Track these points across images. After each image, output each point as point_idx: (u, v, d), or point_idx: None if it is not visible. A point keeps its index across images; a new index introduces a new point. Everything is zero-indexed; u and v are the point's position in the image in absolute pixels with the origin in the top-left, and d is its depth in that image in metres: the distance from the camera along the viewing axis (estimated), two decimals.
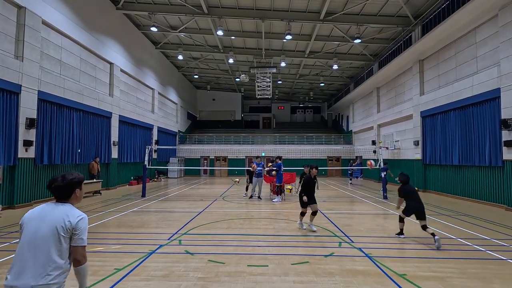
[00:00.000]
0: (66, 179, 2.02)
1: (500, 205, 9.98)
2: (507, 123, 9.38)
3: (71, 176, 2.06)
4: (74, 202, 2.09)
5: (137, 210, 9.19)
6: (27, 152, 9.75)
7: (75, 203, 2.09)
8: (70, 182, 2.03)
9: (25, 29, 9.69)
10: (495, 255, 5.03)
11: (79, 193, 2.10)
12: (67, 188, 2.02)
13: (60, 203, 2.02)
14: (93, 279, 3.94)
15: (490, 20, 10.56)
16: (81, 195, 2.14)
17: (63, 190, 2.01)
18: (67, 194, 2.03)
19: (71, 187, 2.03)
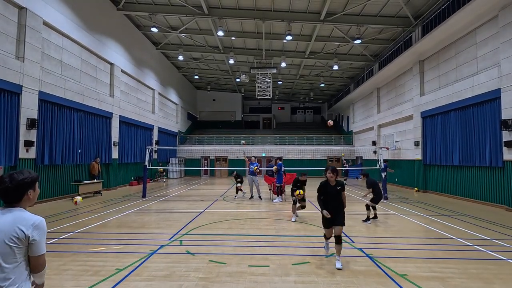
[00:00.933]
0: (14, 179, 1.69)
1: (500, 206, 9.98)
2: (508, 124, 9.39)
3: (22, 176, 1.72)
4: (26, 205, 1.77)
5: (138, 211, 9.20)
6: (28, 152, 9.76)
7: (27, 206, 1.77)
8: (20, 183, 1.70)
9: (26, 29, 9.72)
10: (496, 256, 5.03)
11: (32, 194, 1.78)
12: (17, 191, 1.69)
13: (8, 208, 1.70)
14: (94, 279, 3.95)
15: (490, 21, 10.57)
16: (35, 197, 1.81)
17: (12, 193, 1.68)
18: (17, 197, 1.70)
19: (21, 189, 1.70)
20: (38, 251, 1.68)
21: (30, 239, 1.64)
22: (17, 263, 1.63)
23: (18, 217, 1.66)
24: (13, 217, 1.66)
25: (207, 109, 35.40)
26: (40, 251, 1.69)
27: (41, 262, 1.71)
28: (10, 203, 1.71)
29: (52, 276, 4.03)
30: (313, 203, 10.87)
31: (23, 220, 1.66)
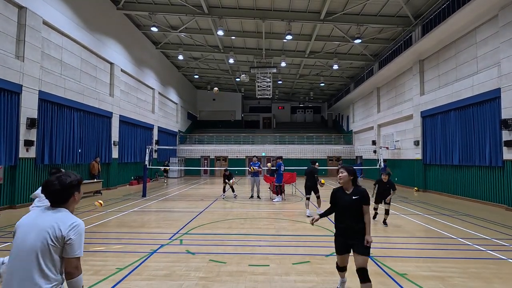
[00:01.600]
0: (63, 182, 1.77)
1: (500, 205, 9.99)
2: (507, 123, 9.40)
3: (69, 179, 1.80)
4: (72, 206, 1.86)
5: (138, 210, 9.21)
6: (28, 152, 9.76)
7: (72, 208, 1.87)
8: (69, 185, 1.79)
9: (26, 29, 9.71)
10: (496, 255, 5.04)
11: (78, 196, 1.87)
12: (65, 192, 1.78)
13: (54, 208, 1.78)
14: (95, 278, 3.95)
15: (490, 20, 10.57)
16: (79, 198, 1.90)
17: (61, 194, 1.77)
18: (65, 198, 1.80)
19: (69, 190, 1.79)
20: (72, 253, 1.70)
21: (66, 239, 1.69)
22: (53, 263, 1.68)
23: (60, 217, 1.74)
24: (55, 216, 1.73)
25: (207, 109, 35.39)
26: (74, 253, 1.71)
27: (74, 265, 1.71)
28: (57, 204, 1.79)
29: None
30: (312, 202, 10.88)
31: (63, 220, 1.73)
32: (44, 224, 1.69)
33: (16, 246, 1.68)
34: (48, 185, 1.77)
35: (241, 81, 27.09)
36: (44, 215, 1.74)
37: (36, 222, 1.71)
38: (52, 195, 1.77)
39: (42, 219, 1.72)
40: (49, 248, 1.66)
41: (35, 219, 1.74)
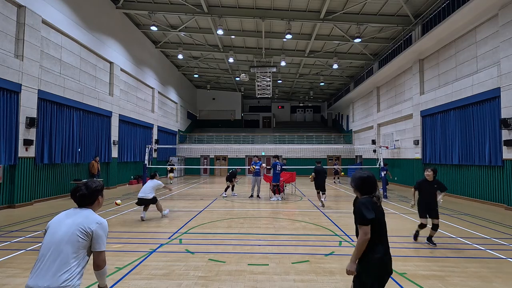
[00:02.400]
0: (89, 187, 2.13)
1: (500, 204, 9.99)
2: (507, 123, 9.39)
3: (94, 185, 2.16)
4: (96, 208, 2.18)
5: (137, 209, 9.19)
6: (27, 151, 9.75)
7: (96, 209, 2.18)
8: (94, 190, 2.14)
9: (25, 28, 9.69)
10: (495, 254, 5.04)
11: (101, 199, 2.22)
12: (91, 196, 2.13)
13: (81, 208, 2.11)
14: (94, 277, 3.93)
15: (490, 20, 10.56)
16: (102, 201, 2.24)
17: (87, 198, 2.11)
18: (91, 201, 2.13)
19: (94, 194, 2.14)
20: (99, 247, 2.02)
21: (93, 234, 1.99)
22: (79, 255, 1.95)
23: (88, 216, 2.05)
24: (85, 215, 2.05)
25: (207, 108, 35.38)
26: (101, 247, 2.02)
27: (102, 258, 2.04)
28: (84, 206, 2.12)
29: None
30: (312, 202, 10.88)
31: (92, 219, 2.04)
32: (74, 221, 1.99)
33: (47, 240, 1.94)
34: (76, 190, 2.11)
35: (241, 81, 27.07)
36: (74, 214, 2.05)
37: (66, 220, 2.01)
38: (80, 199, 2.10)
39: (72, 217, 2.02)
40: (77, 242, 1.94)
41: (66, 216, 2.04)
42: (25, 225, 7.01)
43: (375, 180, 2.37)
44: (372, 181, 2.36)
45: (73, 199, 2.11)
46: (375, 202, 2.29)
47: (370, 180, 2.36)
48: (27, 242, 5.55)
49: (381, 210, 2.32)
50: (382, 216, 2.30)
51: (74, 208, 2.11)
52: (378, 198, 2.33)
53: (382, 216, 2.31)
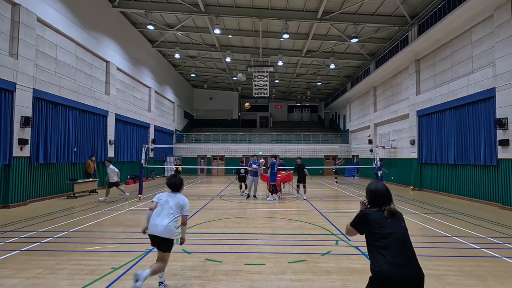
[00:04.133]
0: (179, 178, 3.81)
1: (494, 204, 10.08)
2: (502, 123, 9.47)
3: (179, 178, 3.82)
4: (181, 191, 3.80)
5: (134, 209, 9.15)
6: (22, 151, 9.65)
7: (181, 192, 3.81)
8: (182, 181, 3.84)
9: (20, 26, 9.59)
10: (490, 253, 5.08)
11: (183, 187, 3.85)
12: (179, 185, 3.79)
13: (174, 192, 3.73)
14: (89, 278, 3.92)
15: (486, 20, 10.64)
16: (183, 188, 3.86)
17: (178, 185, 3.77)
18: (179, 188, 3.78)
19: (181, 183, 3.83)
20: (185, 212, 3.69)
21: (183, 204, 3.67)
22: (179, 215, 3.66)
23: (181, 196, 3.74)
24: (179, 196, 3.73)
25: (204, 108, 35.29)
26: (186, 212, 3.70)
27: (185, 219, 3.75)
28: (176, 191, 3.76)
29: (47, 275, 3.99)
30: (309, 202, 10.90)
31: (182, 198, 3.72)
32: (176, 198, 3.68)
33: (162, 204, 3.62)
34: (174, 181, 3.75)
35: (238, 80, 27.06)
36: (174, 195, 3.70)
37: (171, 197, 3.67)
38: (175, 186, 3.74)
39: (174, 196, 3.69)
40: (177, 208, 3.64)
41: (168, 196, 3.68)
42: (20, 225, 6.94)
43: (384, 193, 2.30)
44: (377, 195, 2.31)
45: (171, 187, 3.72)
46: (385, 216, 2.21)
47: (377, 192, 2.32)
48: (22, 243, 5.49)
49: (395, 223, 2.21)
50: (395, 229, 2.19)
51: (169, 192, 3.72)
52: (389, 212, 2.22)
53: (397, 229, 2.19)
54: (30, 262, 4.50)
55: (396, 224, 2.22)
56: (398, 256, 2.09)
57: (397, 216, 2.26)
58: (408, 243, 2.19)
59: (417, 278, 2.07)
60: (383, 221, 2.21)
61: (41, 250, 5.10)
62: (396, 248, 2.12)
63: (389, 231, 2.17)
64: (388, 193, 2.32)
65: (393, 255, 2.10)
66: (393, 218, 2.23)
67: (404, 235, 2.20)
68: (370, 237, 2.23)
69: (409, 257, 2.13)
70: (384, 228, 2.18)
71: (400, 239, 2.17)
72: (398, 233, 2.18)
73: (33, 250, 5.10)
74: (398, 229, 2.20)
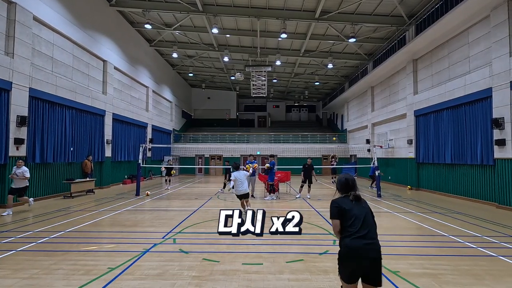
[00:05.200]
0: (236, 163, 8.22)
1: (491, 203, 10.14)
2: (498, 122, 9.52)
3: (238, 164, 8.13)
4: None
5: (131, 209, 9.12)
6: (18, 150, 9.58)
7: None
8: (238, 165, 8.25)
9: (16, 25, 9.50)
10: (487, 252, 5.10)
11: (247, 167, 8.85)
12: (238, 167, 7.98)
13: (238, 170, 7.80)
14: (86, 278, 3.89)
15: (483, 21, 10.68)
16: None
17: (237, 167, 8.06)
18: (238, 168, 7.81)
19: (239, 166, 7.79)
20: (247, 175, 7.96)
21: (247, 174, 8.04)
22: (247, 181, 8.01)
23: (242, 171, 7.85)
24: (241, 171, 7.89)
25: (202, 107, 35.22)
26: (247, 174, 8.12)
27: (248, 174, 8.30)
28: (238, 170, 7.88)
29: (42, 276, 3.96)
30: (307, 201, 10.90)
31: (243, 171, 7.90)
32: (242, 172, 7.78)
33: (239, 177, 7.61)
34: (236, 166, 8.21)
35: (236, 80, 26.99)
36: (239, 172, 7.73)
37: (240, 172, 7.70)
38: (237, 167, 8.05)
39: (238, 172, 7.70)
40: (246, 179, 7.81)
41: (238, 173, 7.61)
42: (16, 225, 6.89)
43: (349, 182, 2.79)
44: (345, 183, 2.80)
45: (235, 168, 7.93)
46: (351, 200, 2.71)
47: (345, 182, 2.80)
48: (18, 243, 5.45)
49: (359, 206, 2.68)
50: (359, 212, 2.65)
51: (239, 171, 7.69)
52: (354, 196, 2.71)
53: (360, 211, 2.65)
54: (26, 262, 4.47)
55: (359, 206, 2.70)
56: (360, 230, 2.57)
57: (362, 200, 2.76)
58: (368, 220, 2.65)
59: (373, 245, 2.58)
60: (349, 204, 2.69)
61: (37, 250, 5.07)
62: (358, 224, 2.60)
63: (354, 212, 2.64)
64: (354, 182, 2.80)
65: (355, 229, 2.58)
66: (357, 201, 2.72)
67: (365, 214, 2.66)
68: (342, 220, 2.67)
69: (367, 230, 2.59)
70: (350, 210, 2.65)
71: (361, 218, 2.63)
72: (360, 214, 2.64)
73: (29, 250, 5.06)
74: (361, 210, 2.67)
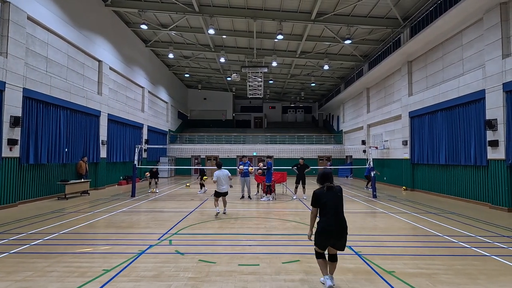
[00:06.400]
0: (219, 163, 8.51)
1: (484, 203, 10.26)
2: (491, 124, 9.65)
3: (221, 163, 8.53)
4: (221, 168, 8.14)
5: (127, 210, 9.05)
6: (11, 151, 9.46)
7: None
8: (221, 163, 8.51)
9: (10, 24, 9.40)
10: (480, 252, 5.16)
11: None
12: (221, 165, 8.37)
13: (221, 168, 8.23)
14: (80, 280, 3.86)
15: (476, 23, 10.83)
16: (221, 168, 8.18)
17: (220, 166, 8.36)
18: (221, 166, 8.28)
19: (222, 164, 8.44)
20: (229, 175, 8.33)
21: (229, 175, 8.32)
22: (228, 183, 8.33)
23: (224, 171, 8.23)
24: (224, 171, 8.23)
25: (198, 108, 35.14)
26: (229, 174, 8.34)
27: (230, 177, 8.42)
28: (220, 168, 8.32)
29: (36, 278, 3.92)
30: (305, 203, 10.93)
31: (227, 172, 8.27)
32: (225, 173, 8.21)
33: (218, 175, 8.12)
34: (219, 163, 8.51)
35: (232, 81, 27.02)
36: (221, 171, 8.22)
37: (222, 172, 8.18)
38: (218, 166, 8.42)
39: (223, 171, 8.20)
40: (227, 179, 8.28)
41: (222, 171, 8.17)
42: (9, 227, 6.80)
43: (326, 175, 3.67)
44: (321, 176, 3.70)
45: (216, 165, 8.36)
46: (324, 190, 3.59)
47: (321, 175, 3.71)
48: (11, 245, 5.38)
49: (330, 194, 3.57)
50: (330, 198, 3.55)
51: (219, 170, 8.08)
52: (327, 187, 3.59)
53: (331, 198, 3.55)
54: (19, 264, 4.41)
55: (332, 195, 3.56)
56: (331, 218, 3.51)
57: (334, 189, 3.60)
58: (338, 209, 3.56)
59: (341, 229, 3.53)
60: (324, 193, 3.57)
61: (31, 252, 5.01)
62: (330, 212, 3.51)
63: (326, 200, 3.54)
64: (329, 174, 3.68)
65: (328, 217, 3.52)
66: (330, 191, 3.58)
67: (336, 204, 3.56)
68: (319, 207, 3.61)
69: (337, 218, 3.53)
70: (324, 199, 3.55)
71: (332, 206, 3.53)
72: (332, 203, 3.54)
73: (23, 252, 5.00)
74: (333, 199, 3.54)
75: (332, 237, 3.53)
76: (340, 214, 3.55)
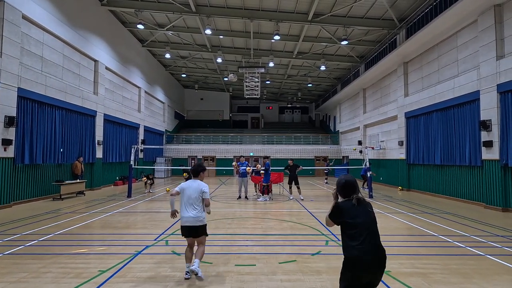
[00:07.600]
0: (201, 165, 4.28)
1: (479, 203, 10.36)
2: (486, 124, 9.75)
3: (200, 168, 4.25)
4: (201, 179, 4.20)
5: (123, 211, 9.00)
6: (6, 151, 9.36)
7: (202, 179, 4.20)
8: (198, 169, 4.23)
9: (4, 23, 9.30)
10: (475, 251, 5.21)
11: (202, 175, 4.23)
12: (197, 171, 4.20)
13: (194, 179, 4.17)
14: (76, 281, 3.83)
15: (471, 25, 10.94)
16: (204, 176, 4.29)
17: (195, 172, 4.20)
18: (197, 174, 4.20)
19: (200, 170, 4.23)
20: (207, 196, 4.03)
21: (203, 191, 4.02)
22: (200, 203, 4.02)
23: (199, 183, 4.08)
24: (198, 183, 4.08)
25: (195, 108, 35.06)
26: (207, 197, 4.04)
27: (208, 202, 4.02)
28: (196, 177, 4.19)
29: (31, 279, 3.88)
30: (299, 202, 10.95)
31: (201, 184, 4.06)
32: (196, 187, 4.04)
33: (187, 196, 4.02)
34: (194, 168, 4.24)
35: (229, 81, 26.95)
36: (193, 182, 4.10)
37: (192, 185, 4.05)
38: (193, 172, 4.22)
39: (193, 184, 4.07)
40: (199, 198, 4.00)
41: (191, 183, 4.07)
42: (3, 228, 6.73)
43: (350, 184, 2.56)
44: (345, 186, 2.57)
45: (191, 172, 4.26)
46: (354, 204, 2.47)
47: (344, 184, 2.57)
48: (5, 246, 5.32)
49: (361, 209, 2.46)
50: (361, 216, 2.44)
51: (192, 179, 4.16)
52: (356, 200, 2.48)
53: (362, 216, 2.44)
54: (13, 266, 4.37)
55: (364, 212, 2.47)
56: (364, 243, 2.36)
57: (364, 203, 2.52)
58: (374, 230, 2.46)
59: (379, 260, 2.44)
60: (352, 209, 2.45)
61: (25, 253, 4.96)
62: (363, 236, 2.38)
63: (359, 220, 2.42)
64: (355, 183, 2.56)
65: (361, 242, 2.36)
66: (360, 205, 2.48)
67: (370, 224, 2.46)
68: (343, 225, 2.50)
69: (374, 244, 2.42)
70: (354, 217, 2.43)
71: (367, 227, 2.42)
72: (365, 222, 2.43)
73: (17, 253, 4.95)
74: (365, 218, 2.44)
75: (369, 271, 2.41)
76: (377, 238, 2.48)
